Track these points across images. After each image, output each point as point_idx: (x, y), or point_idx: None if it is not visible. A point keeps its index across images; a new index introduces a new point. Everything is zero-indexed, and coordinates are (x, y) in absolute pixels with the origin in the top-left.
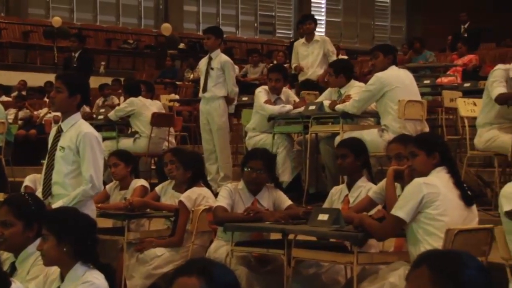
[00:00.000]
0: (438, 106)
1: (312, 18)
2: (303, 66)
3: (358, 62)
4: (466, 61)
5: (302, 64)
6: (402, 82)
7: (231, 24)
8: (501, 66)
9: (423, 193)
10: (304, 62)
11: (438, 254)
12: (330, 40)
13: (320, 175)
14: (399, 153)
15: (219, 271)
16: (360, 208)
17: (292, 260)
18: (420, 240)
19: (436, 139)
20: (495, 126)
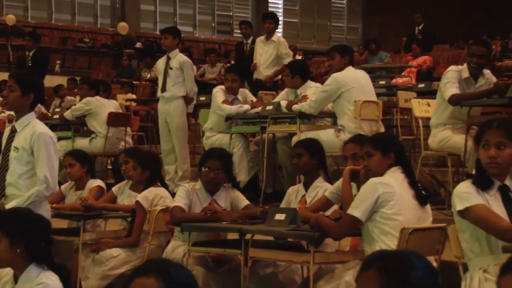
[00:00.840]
0: (393, 107)
1: (273, 17)
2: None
3: (315, 62)
4: (420, 62)
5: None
6: (358, 83)
7: (188, 23)
8: (454, 68)
9: (379, 192)
10: (258, 60)
11: (387, 255)
12: (288, 41)
13: (277, 175)
14: (355, 153)
15: (177, 271)
16: (317, 208)
17: (249, 260)
18: (376, 239)
19: (391, 139)
20: (449, 126)
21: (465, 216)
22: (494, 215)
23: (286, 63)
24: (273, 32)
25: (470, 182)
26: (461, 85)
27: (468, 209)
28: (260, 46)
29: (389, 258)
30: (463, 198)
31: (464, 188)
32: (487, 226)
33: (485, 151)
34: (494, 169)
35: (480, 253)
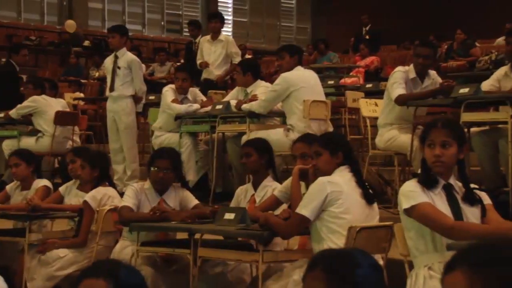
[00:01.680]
0: (342, 106)
1: (219, 16)
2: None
3: (265, 62)
4: (368, 62)
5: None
6: (307, 83)
7: (137, 22)
8: (401, 68)
9: (327, 191)
10: (205, 60)
11: (332, 255)
12: (237, 40)
13: (227, 174)
14: (304, 152)
15: (127, 272)
16: (266, 207)
17: (198, 260)
18: (324, 237)
19: (340, 139)
20: (395, 126)
21: (410, 214)
22: (439, 213)
23: (236, 62)
24: (219, 31)
25: (415, 181)
26: (407, 86)
27: (413, 207)
28: (207, 46)
29: (334, 258)
30: (409, 197)
31: (409, 186)
32: (432, 224)
33: (430, 150)
34: (439, 167)
35: (425, 251)
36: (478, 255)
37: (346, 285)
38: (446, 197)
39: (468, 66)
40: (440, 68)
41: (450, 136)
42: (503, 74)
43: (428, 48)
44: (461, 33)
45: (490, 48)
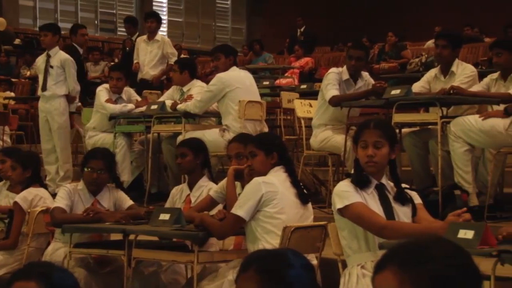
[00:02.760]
0: (277, 107)
1: (155, 16)
2: (140, 63)
3: (200, 62)
4: (302, 63)
5: (140, 62)
6: (242, 83)
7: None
8: (335, 70)
9: (262, 192)
10: (141, 60)
11: (264, 256)
12: (172, 40)
13: (162, 174)
14: (239, 153)
15: (59, 274)
16: (202, 207)
17: (132, 261)
18: (259, 238)
19: (275, 139)
20: (329, 127)
21: (344, 214)
22: (372, 213)
23: (172, 62)
24: (155, 31)
25: (349, 181)
26: (341, 87)
27: (347, 207)
28: (143, 46)
29: (266, 258)
30: (342, 197)
31: (343, 187)
32: (365, 223)
33: (363, 150)
34: (371, 167)
35: (358, 250)
36: (407, 254)
37: (279, 286)
38: (378, 197)
39: (400, 68)
40: (372, 69)
41: (382, 137)
42: (433, 76)
43: (361, 50)
44: (392, 36)
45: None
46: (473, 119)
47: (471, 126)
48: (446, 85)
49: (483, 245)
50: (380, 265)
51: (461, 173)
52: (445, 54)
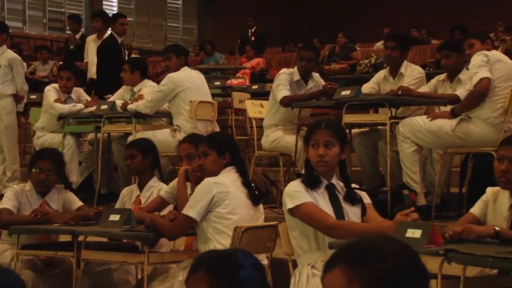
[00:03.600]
0: (228, 107)
1: (101, 15)
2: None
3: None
4: (254, 64)
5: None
6: (194, 83)
7: (17, 19)
8: (286, 70)
9: (214, 192)
10: (90, 60)
11: (215, 256)
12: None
13: (112, 175)
14: (190, 153)
15: (5, 276)
16: (152, 208)
17: (81, 262)
18: (210, 238)
19: (227, 139)
20: (280, 127)
21: (295, 213)
22: (322, 212)
23: None
24: (102, 31)
25: (299, 181)
26: (292, 87)
27: (297, 207)
28: (92, 45)
29: (216, 259)
30: (293, 197)
31: (294, 186)
32: (315, 223)
33: (314, 150)
34: (322, 167)
35: (308, 250)
36: (356, 253)
37: (229, 286)
38: (328, 197)
39: (350, 69)
40: (323, 70)
41: (333, 137)
42: (382, 77)
43: (311, 51)
44: (342, 37)
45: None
46: (421, 120)
47: (419, 127)
48: (395, 86)
49: (431, 244)
50: (329, 264)
51: (409, 173)
52: (394, 55)
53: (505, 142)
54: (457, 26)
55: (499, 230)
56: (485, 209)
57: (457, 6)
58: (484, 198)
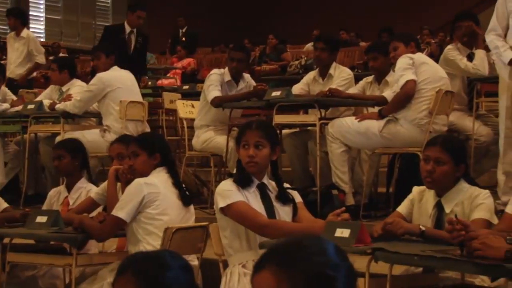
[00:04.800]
0: (159, 107)
1: (14, 13)
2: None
3: (80, 61)
4: (185, 64)
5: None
6: (124, 83)
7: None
8: (217, 71)
9: (144, 193)
10: (9, 58)
11: (142, 258)
12: (50, 38)
13: (39, 176)
14: (121, 153)
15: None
16: (82, 209)
17: (7, 265)
18: (140, 239)
19: (158, 140)
20: (211, 128)
21: (226, 213)
22: (254, 211)
23: (38, 60)
24: (18, 28)
25: (231, 181)
26: (223, 88)
27: (229, 206)
28: (11, 42)
29: (143, 261)
30: (224, 196)
31: (225, 186)
32: (247, 222)
33: (245, 151)
34: (253, 167)
35: (239, 249)
36: (285, 253)
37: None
38: (260, 196)
39: (280, 70)
40: (254, 71)
41: (263, 138)
42: (312, 79)
43: (242, 52)
44: (273, 38)
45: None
46: (350, 121)
47: (348, 128)
48: (325, 88)
49: (359, 243)
50: (259, 265)
51: (338, 173)
52: (323, 57)
53: (430, 143)
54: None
55: (424, 230)
56: (411, 208)
57: (384, 10)
58: (410, 197)
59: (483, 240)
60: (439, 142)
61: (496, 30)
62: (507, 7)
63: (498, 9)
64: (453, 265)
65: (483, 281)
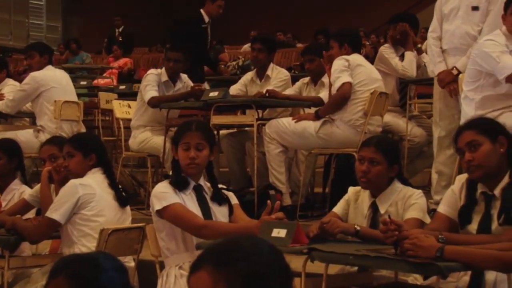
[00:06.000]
0: (95, 107)
1: None
2: None
3: (13, 60)
4: (121, 64)
5: None
6: (58, 83)
7: None
8: (154, 71)
9: (79, 194)
10: None
11: (75, 260)
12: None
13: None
14: (53, 154)
15: None
16: (15, 211)
17: None
18: (75, 241)
19: (93, 140)
20: (148, 128)
21: (162, 215)
22: (190, 213)
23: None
24: None
25: (167, 182)
26: (160, 88)
27: (165, 208)
28: None
29: (77, 263)
30: (160, 198)
31: (161, 188)
32: (183, 224)
33: (185, 152)
34: (194, 169)
35: (176, 251)
36: (221, 253)
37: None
38: (196, 198)
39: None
40: None
41: (203, 139)
42: (249, 79)
43: (178, 52)
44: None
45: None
46: (287, 122)
47: (285, 128)
48: (262, 88)
49: (295, 243)
50: (195, 265)
51: (276, 174)
52: (260, 57)
53: (365, 144)
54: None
55: (359, 229)
56: (347, 208)
57: (321, 12)
58: (346, 197)
59: (413, 240)
60: (373, 143)
61: (436, 31)
62: (441, 11)
63: (436, 11)
64: (387, 264)
65: (416, 279)
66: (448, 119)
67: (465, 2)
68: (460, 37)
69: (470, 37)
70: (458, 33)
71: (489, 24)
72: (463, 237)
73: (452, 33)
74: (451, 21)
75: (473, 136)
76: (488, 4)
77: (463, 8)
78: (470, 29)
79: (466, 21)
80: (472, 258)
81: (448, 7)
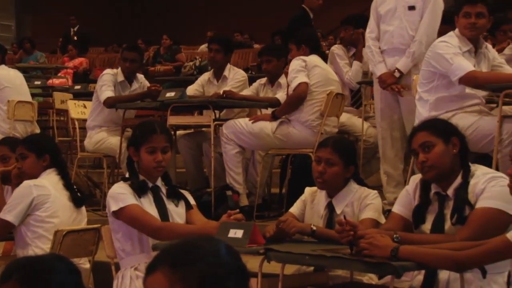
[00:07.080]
0: (49, 108)
1: None
2: None
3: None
4: (76, 63)
5: None
6: (12, 82)
7: None
8: (110, 71)
9: (33, 195)
10: None
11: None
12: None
13: None
14: (4, 155)
15: None
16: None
17: None
18: (29, 243)
19: (47, 141)
20: (104, 128)
21: (119, 216)
22: (147, 215)
23: None
24: None
25: (124, 183)
26: (116, 88)
27: (122, 209)
28: None
29: (28, 266)
30: (117, 199)
31: (118, 189)
32: (140, 225)
33: (151, 155)
34: (160, 172)
35: (132, 252)
36: (177, 254)
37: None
38: (153, 199)
39: (175, 71)
40: (148, 72)
41: (168, 141)
42: (206, 80)
43: (135, 52)
44: (167, 39)
45: (195, 54)
46: (244, 122)
47: (242, 129)
48: (219, 89)
49: (252, 244)
50: (151, 266)
51: (233, 174)
52: (217, 58)
53: (322, 144)
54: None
55: (315, 229)
56: (303, 208)
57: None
58: (303, 198)
59: (369, 240)
60: (330, 143)
61: (374, 32)
62: (377, 11)
63: (372, 12)
64: (342, 264)
65: (371, 279)
66: (389, 118)
67: (402, 3)
68: (399, 37)
69: (409, 37)
70: (397, 34)
71: (424, 22)
72: (417, 236)
73: (391, 34)
74: (389, 22)
75: (427, 137)
76: (423, 3)
77: (400, 9)
78: (409, 28)
79: (404, 21)
80: (426, 257)
81: (384, 8)
